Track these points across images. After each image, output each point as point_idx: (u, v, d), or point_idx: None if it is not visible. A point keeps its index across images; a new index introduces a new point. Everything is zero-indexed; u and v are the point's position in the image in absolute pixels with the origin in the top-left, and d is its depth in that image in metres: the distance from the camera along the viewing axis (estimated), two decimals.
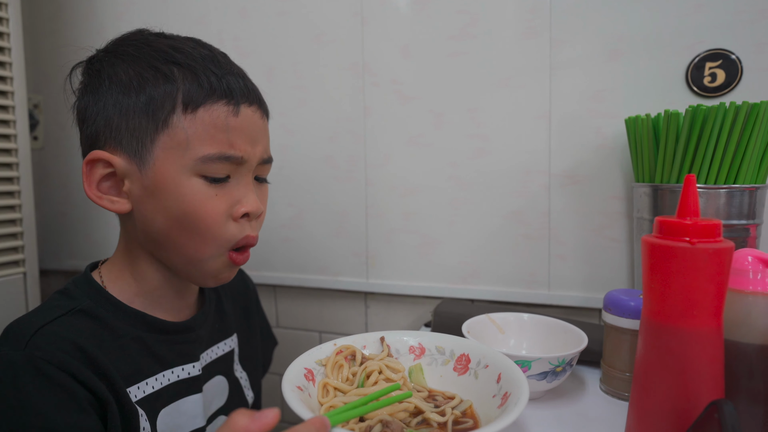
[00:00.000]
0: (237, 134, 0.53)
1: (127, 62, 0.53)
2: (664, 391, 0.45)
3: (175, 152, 0.51)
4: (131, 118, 0.51)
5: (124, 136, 0.52)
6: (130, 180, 0.52)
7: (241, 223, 0.55)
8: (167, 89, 0.51)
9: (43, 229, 1.26)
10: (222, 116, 0.52)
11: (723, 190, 0.66)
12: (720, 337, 0.45)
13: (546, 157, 0.89)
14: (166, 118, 0.51)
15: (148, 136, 0.51)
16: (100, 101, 0.53)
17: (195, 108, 0.51)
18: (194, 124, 0.51)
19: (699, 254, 0.43)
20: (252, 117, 0.55)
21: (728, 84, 0.76)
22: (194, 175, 0.52)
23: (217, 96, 0.52)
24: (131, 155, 0.52)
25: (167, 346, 0.57)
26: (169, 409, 0.56)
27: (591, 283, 0.88)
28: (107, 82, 0.53)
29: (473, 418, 0.50)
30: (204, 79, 0.52)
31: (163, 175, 0.51)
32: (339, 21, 0.99)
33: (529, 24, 0.87)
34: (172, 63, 0.52)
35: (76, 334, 0.49)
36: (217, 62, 0.54)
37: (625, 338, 0.62)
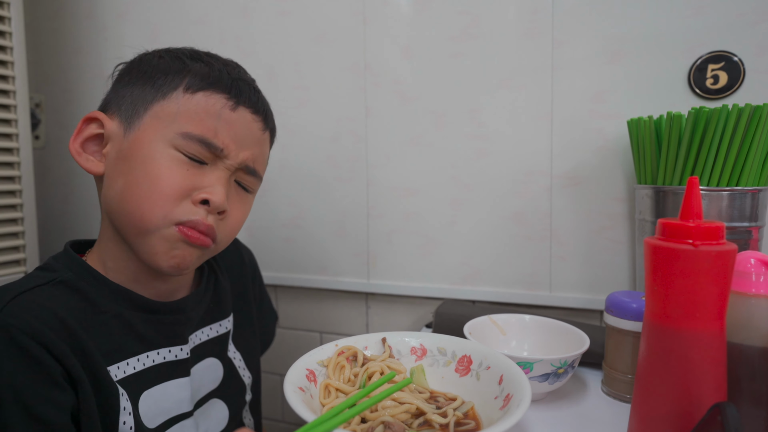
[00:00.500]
0: (226, 127, 0.54)
1: (159, 55, 0.57)
2: (666, 393, 0.45)
3: (162, 122, 0.53)
4: (138, 88, 0.55)
5: (125, 102, 0.55)
6: (112, 144, 0.54)
7: (197, 207, 0.52)
8: (179, 69, 0.55)
9: (44, 229, 1.26)
10: (218, 105, 0.54)
11: (725, 192, 0.66)
12: (723, 340, 0.45)
13: (547, 158, 0.89)
14: (167, 91, 0.53)
15: (143, 104, 0.54)
16: (123, 80, 0.57)
17: (195, 90, 0.53)
18: (189, 102, 0.53)
19: (702, 257, 0.43)
20: (250, 122, 0.57)
21: (731, 86, 0.76)
22: (171, 146, 0.52)
23: (221, 87, 0.54)
24: (123, 119, 0.54)
25: (153, 326, 0.55)
26: (153, 391, 0.54)
27: (592, 285, 0.88)
28: (136, 70, 0.57)
29: (475, 419, 0.50)
30: (215, 70, 0.55)
31: (141, 141, 0.53)
32: (340, 21, 0.99)
33: (531, 25, 0.87)
34: (196, 59, 0.56)
35: (56, 304, 0.48)
36: (239, 72, 0.58)
37: (627, 340, 0.61)
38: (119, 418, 0.49)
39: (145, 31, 1.16)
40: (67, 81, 1.26)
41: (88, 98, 1.24)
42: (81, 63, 1.24)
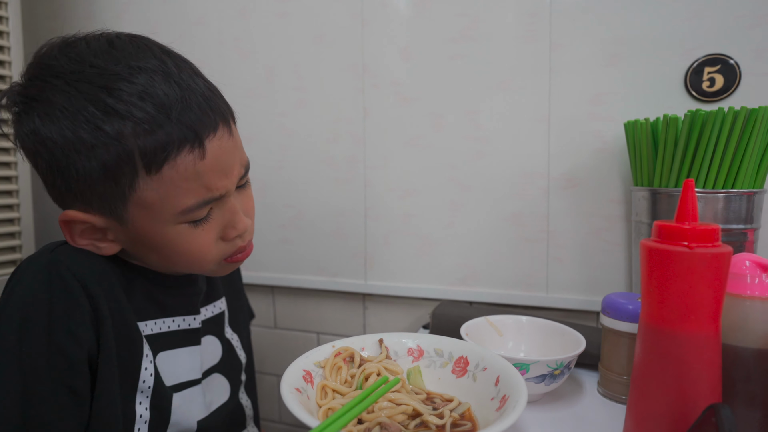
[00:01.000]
0: (210, 176, 0.49)
1: (64, 120, 0.45)
2: (661, 394, 0.46)
3: (152, 210, 0.49)
4: (94, 186, 0.47)
5: (93, 201, 0.49)
6: (113, 231, 0.52)
7: (233, 240, 0.56)
8: (120, 153, 0.45)
9: (40, 229, 1.25)
10: (190, 166, 0.47)
11: (721, 194, 0.66)
12: (718, 342, 0.45)
13: (545, 159, 0.89)
14: (131, 183, 0.47)
15: (118, 201, 0.48)
16: (52, 166, 0.47)
17: (159, 168, 0.46)
18: (162, 184, 0.47)
19: (697, 259, 0.43)
20: (219, 146, 0.50)
21: (727, 89, 0.77)
22: (177, 224, 0.51)
23: (178, 146, 0.46)
24: (106, 215, 0.50)
25: (171, 297, 0.59)
26: (168, 354, 0.57)
27: (589, 286, 0.89)
28: (50, 144, 0.46)
29: (471, 420, 0.50)
30: (158, 132, 0.45)
31: (145, 229, 0.51)
32: (339, 22, 0.99)
33: (529, 27, 0.88)
34: (115, 116, 0.45)
35: (95, 259, 0.52)
36: (162, 95, 0.46)
37: (623, 341, 0.62)
38: (141, 364, 0.53)
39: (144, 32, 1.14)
40: None
41: None
42: None
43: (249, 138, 1.07)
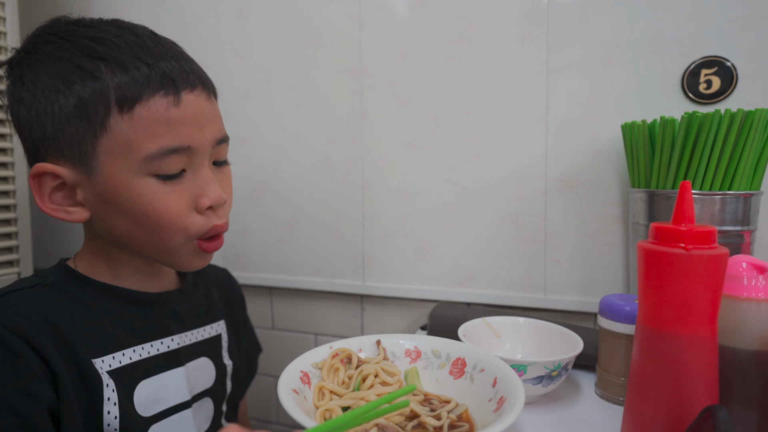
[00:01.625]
0: (181, 125, 0.50)
1: (49, 63, 0.48)
2: (658, 396, 0.46)
3: (120, 156, 0.48)
4: (66, 127, 0.48)
5: (64, 146, 0.49)
6: (81, 188, 0.51)
7: (206, 214, 0.53)
8: (96, 89, 0.47)
9: (37, 229, 1.25)
10: (162, 109, 0.48)
11: (718, 196, 0.66)
12: (714, 343, 0.45)
13: (542, 161, 0.89)
14: (103, 121, 0.47)
15: (88, 143, 0.48)
16: (31, 110, 0.49)
17: (131, 106, 0.47)
18: (133, 123, 0.48)
19: (694, 260, 0.43)
20: (196, 102, 0.51)
21: (723, 91, 0.77)
22: (145, 175, 0.49)
23: (153, 88, 0.48)
24: (76, 164, 0.49)
25: (143, 319, 0.57)
26: (152, 380, 0.55)
27: (586, 288, 0.89)
28: (32, 89, 0.49)
29: (469, 422, 0.50)
30: (135, 72, 0.47)
31: (113, 181, 0.49)
32: (336, 23, 0.99)
33: (526, 29, 0.88)
34: (97, 58, 0.48)
35: (39, 302, 0.49)
36: (145, 47, 0.49)
37: (621, 343, 0.62)
38: (103, 408, 0.50)
39: None
40: None
41: None
42: None
43: (246, 139, 1.07)
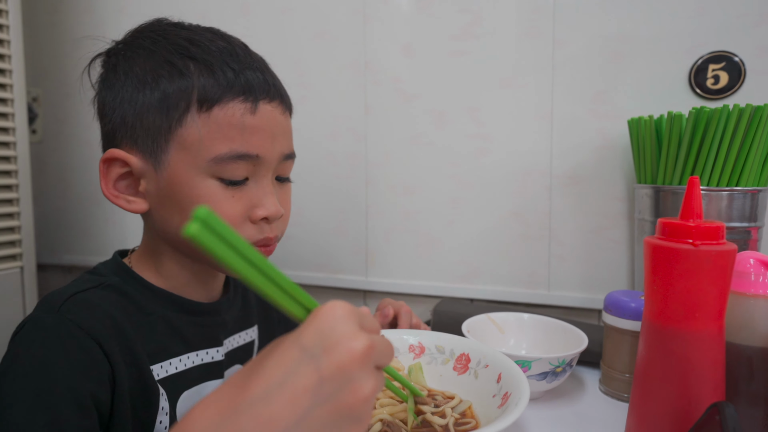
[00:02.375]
0: (253, 132, 0.51)
1: (143, 56, 0.51)
2: (664, 392, 0.45)
3: (189, 153, 0.50)
4: (146, 116, 0.50)
5: (139, 135, 0.50)
6: (146, 180, 0.51)
7: (259, 224, 0.53)
8: (182, 86, 0.49)
9: (40, 224, 1.25)
10: (238, 114, 0.50)
11: (725, 192, 0.66)
12: (721, 340, 0.45)
13: (547, 157, 0.88)
14: (181, 116, 0.49)
15: (162, 136, 0.50)
16: (117, 97, 0.52)
17: (210, 106, 0.49)
18: (208, 123, 0.49)
19: (702, 256, 0.43)
20: (271, 113, 0.53)
21: (731, 86, 0.76)
22: (209, 176, 0.50)
23: (234, 93, 0.50)
24: (146, 155, 0.50)
25: (193, 328, 0.57)
26: (191, 392, 0.55)
27: (590, 284, 0.88)
28: (123, 77, 0.51)
29: (473, 418, 0.49)
30: (220, 75, 0.50)
31: (178, 177, 0.50)
32: (341, 19, 0.99)
33: (532, 24, 0.87)
34: (188, 57, 0.50)
35: (108, 304, 0.49)
36: (235, 55, 0.52)
37: (626, 339, 0.61)
38: (156, 418, 0.50)
39: None
40: (65, 75, 1.25)
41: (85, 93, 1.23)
42: (79, 57, 1.23)
43: None
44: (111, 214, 1.24)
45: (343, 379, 0.29)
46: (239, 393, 0.29)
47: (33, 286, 1.03)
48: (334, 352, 0.29)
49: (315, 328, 0.29)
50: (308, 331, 0.29)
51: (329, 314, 0.30)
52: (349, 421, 0.29)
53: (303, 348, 0.29)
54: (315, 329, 0.29)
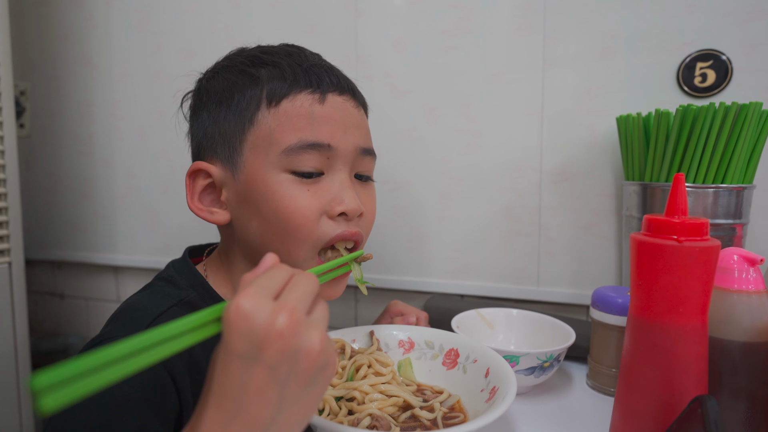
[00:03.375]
0: (323, 122, 0.51)
1: (222, 74, 0.54)
2: (649, 386, 0.46)
3: (261, 150, 0.50)
4: (223, 124, 0.52)
5: (218, 143, 0.52)
6: (226, 189, 0.53)
7: (338, 221, 0.52)
8: (253, 88, 0.51)
9: (28, 219, 1.24)
10: (306, 104, 0.50)
11: (711, 189, 0.67)
12: (705, 334, 0.46)
13: (537, 153, 0.89)
14: (252, 116, 0.51)
15: (237, 138, 0.51)
16: (201, 116, 0.54)
17: (278, 101, 0.50)
18: (277, 116, 0.50)
19: (686, 252, 0.43)
20: (342, 105, 0.53)
21: (718, 84, 0.77)
22: (282, 171, 0.50)
23: (301, 86, 0.51)
24: (225, 161, 0.52)
25: None
26: None
27: (579, 280, 0.89)
28: (205, 98, 0.54)
29: (462, 412, 0.50)
30: (288, 72, 0.51)
31: (253, 176, 0.50)
32: (332, 13, 0.98)
33: (523, 20, 0.87)
34: (260, 65, 0.52)
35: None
36: (305, 57, 0.54)
37: (612, 335, 0.62)
38: None
39: (133, 18, 1.15)
40: (54, 68, 1.24)
41: (74, 86, 1.22)
42: (68, 50, 1.22)
43: None
44: (100, 208, 1.23)
45: (290, 355, 0.30)
46: (213, 421, 0.30)
47: (21, 281, 1.02)
48: (267, 343, 0.29)
49: (237, 334, 0.29)
50: (233, 340, 0.29)
51: (238, 314, 0.29)
52: (318, 373, 0.31)
53: (239, 356, 0.29)
54: (237, 335, 0.29)
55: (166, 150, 1.15)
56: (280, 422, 0.30)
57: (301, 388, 0.31)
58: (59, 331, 1.34)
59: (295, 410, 0.31)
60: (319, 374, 0.32)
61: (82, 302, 1.31)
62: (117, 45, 1.17)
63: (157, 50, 1.14)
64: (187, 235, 1.15)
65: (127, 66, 1.17)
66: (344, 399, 0.49)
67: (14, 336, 1.00)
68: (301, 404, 0.31)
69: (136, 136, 1.18)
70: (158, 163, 1.16)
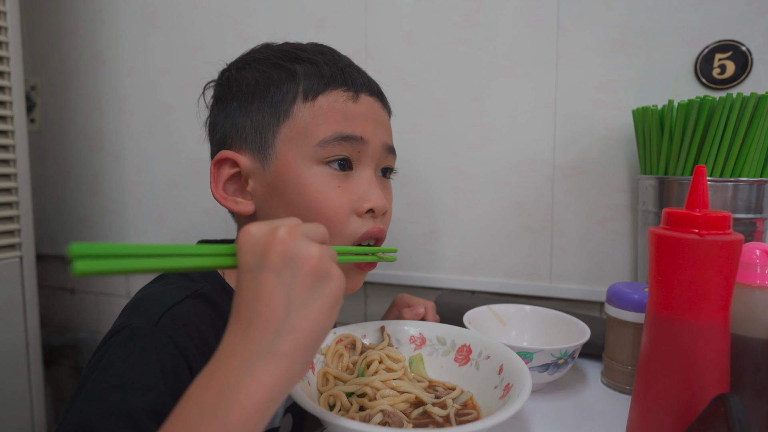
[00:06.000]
0: (356, 117, 0.53)
1: (253, 66, 0.55)
2: (668, 384, 0.45)
3: (296, 142, 0.51)
4: (255, 115, 0.53)
5: (248, 134, 0.53)
6: (254, 179, 0.53)
7: (365, 218, 0.53)
8: (290, 83, 0.52)
9: (39, 213, 1.25)
10: (341, 101, 0.52)
11: (730, 183, 0.65)
12: (726, 331, 0.44)
13: (550, 147, 0.88)
14: (287, 108, 0.52)
15: (270, 129, 0.52)
16: (229, 106, 0.55)
17: (315, 96, 0.52)
18: (313, 110, 0.52)
19: (708, 246, 0.42)
20: (373, 104, 0.56)
21: (738, 76, 0.75)
22: (315, 163, 0.51)
23: (337, 83, 0.53)
24: (255, 152, 0.52)
25: None
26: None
27: (593, 276, 0.88)
28: (235, 87, 0.55)
29: (474, 409, 0.49)
30: (325, 69, 0.53)
31: (286, 168, 0.51)
32: (341, 6, 0.97)
33: (536, 12, 0.86)
34: (295, 60, 0.54)
35: (200, 319, 0.49)
36: (339, 57, 0.56)
37: (628, 331, 0.61)
38: None
39: (143, 13, 1.14)
40: (64, 64, 1.24)
41: (84, 81, 1.23)
42: (77, 45, 1.22)
43: None
44: (110, 203, 1.23)
45: (289, 259, 0.33)
46: (233, 332, 0.33)
47: (32, 276, 1.02)
48: (269, 250, 0.33)
49: (245, 251, 0.34)
50: (243, 257, 0.34)
51: (246, 235, 0.34)
52: (321, 281, 0.34)
53: (249, 269, 0.34)
54: (246, 252, 0.34)
55: (175, 144, 1.15)
56: (291, 325, 0.33)
57: (307, 292, 0.33)
58: (70, 326, 1.35)
59: (303, 315, 0.33)
60: (323, 282, 0.34)
61: (92, 297, 1.31)
62: (126, 40, 1.17)
63: (165, 45, 1.13)
64: (197, 229, 1.15)
65: (136, 61, 1.17)
66: (355, 395, 0.48)
67: (26, 330, 1.01)
68: (309, 309, 0.33)
69: (145, 131, 1.18)
70: (167, 157, 1.16)
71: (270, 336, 0.32)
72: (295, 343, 0.33)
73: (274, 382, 0.32)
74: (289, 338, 0.32)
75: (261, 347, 0.32)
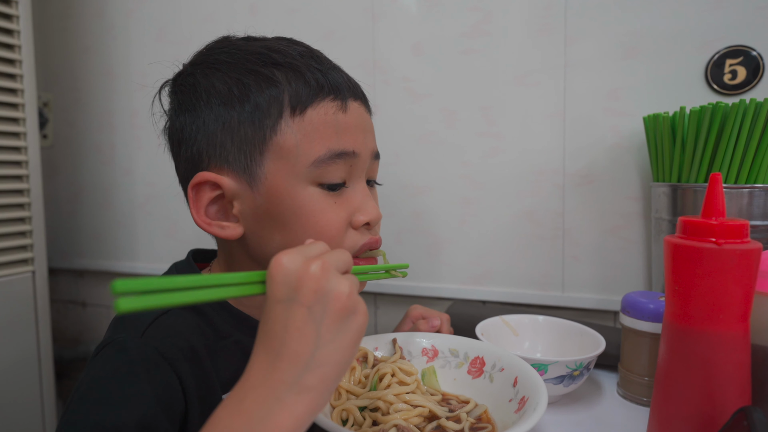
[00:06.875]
0: (346, 129, 0.50)
1: (223, 71, 0.49)
2: (687, 396, 0.44)
3: (287, 161, 0.48)
4: (237, 131, 0.48)
5: (230, 152, 0.48)
6: (240, 201, 0.49)
7: (361, 231, 0.52)
8: (272, 93, 0.47)
9: (51, 228, 1.26)
10: (331, 113, 0.49)
11: (746, 189, 0.64)
12: (747, 341, 0.43)
13: (560, 156, 0.87)
14: (274, 124, 0.47)
15: (256, 148, 0.48)
16: (199, 118, 0.49)
17: (303, 109, 0.48)
18: (303, 125, 0.48)
19: (726, 255, 0.42)
20: (359, 110, 0.52)
21: (749, 81, 0.75)
22: (309, 183, 0.48)
23: (325, 93, 0.49)
24: (240, 172, 0.48)
25: None
26: None
27: (606, 285, 0.87)
28: (205, 96, 0.49)
29: (489, 422, 0.48)
30: (310, 77, 0.48)
31: (277, 189, 0.48)
32: (349, 18, 0.98)
33: (544, 21, 0.86)
34: (271, 65, 0.48)
35: (187, 330, 0.48)
36: (316, 57, 0.51)
37: (644, 342, 0.60)
38: None
39: (154, 29, 1.16)
40: (76, 80, 1.26)
41: (95, 97, 1.24)
42: (89, 62, 1.24)
43: None
44: (122, 217, 1.24)
45: (322, 296, 0.34)
46: (261, 362, 0.34)
47: (44, 290, 1.03)
48: (302, 285, 0.34)
49: (277, 282, 0.34)
50: (275, 288, 0.34)
51: (278, 266, 0.34)
52: (349, 316, 0.35)
53: (280, 300, 0.34)
54: (278, 283, 0.34)
55: None
56: (319, 359, 0.33)
57: (335, 327, 0.34)
58: (81, 339, 1.36)
59: (331, 349, 0.34)
60: (350, 318, 0.35)
61: (104, 310, 1.32)
62: (136, 56, 1.18)
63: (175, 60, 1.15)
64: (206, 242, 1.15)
65: (146, 76, 1.18)
66: (368, 409, 0.48)
67: (38, 344, 1.01)
68: (336, 344, 0.34)
69: (155, 145, 1.19)
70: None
71: (299, 369, 0.33)
72: (323, 376, 0.33)
73: (302, 412, 0.33)
74: (317, 372, 0.33)
75: (290, 378, 0.33)
